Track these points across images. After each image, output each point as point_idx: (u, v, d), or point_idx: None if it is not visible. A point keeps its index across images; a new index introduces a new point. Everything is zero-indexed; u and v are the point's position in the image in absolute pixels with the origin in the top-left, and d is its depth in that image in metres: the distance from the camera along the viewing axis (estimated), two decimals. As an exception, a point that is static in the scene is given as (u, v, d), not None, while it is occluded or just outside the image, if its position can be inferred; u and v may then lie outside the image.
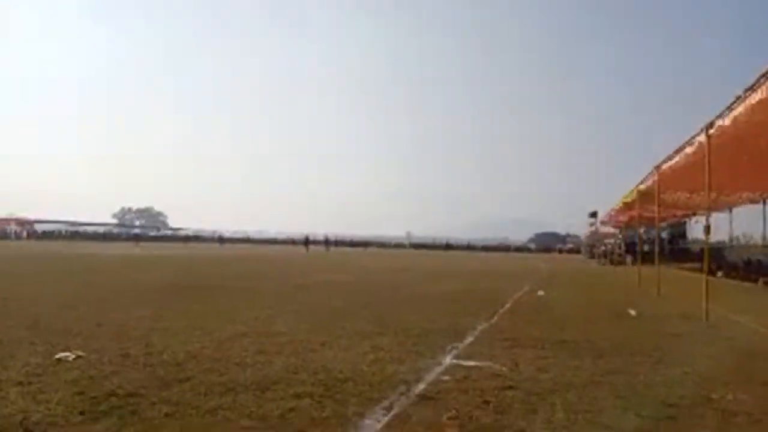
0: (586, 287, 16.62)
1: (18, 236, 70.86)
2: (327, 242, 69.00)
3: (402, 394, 4.11)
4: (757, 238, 26.63)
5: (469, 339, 6.65)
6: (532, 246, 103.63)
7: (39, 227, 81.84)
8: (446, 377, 4.68)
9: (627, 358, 5.75)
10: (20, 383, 3.91)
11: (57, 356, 4.71)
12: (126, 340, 5.76)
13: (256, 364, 4.90)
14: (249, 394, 3.94)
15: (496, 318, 8.58)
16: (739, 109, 7.82)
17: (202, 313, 8.14)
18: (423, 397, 4.03)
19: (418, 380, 4.51)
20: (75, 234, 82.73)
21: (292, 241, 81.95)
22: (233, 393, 3.96)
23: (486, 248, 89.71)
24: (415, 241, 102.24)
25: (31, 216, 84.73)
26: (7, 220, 78.56)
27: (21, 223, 78.71)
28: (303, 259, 34.47)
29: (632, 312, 9.81)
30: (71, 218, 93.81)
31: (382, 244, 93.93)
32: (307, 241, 63.16)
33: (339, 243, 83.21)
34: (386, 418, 3.54)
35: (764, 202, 21.15)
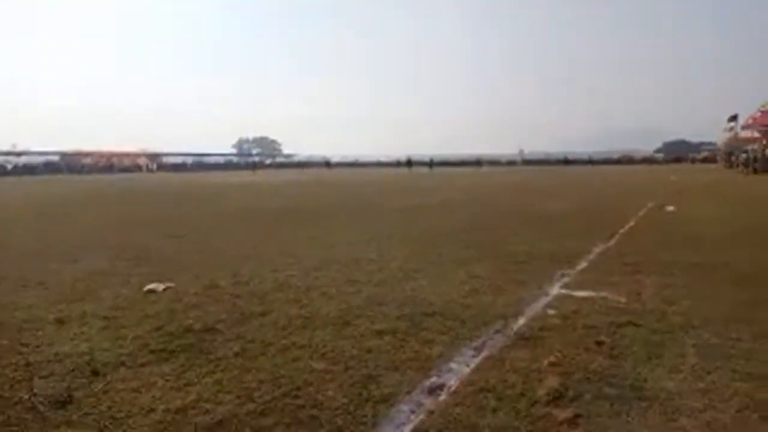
0: (723, 201, 14.66)
1: (149, 169, 77.59)
2: (431, 163, 68.10)
3: (497, 332, 3.60)
4: None
5: (583, 264, 5.91)
6: (660, 156, 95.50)
7: (167, 159, 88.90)
8: (552, 311, 4.08)
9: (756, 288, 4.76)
10: (105, 317, 3.92)
11: (147, 288, 4.74)
12: (219, 269, 5.74)
13: (341, 294, 4.62)
14: (327, 330, 3.65)
15: (616, 239, 7.66)
16: None
17: (297, 239, 8.08)
18: (522, 337, 3.49)
19: (517, 315, 3.96)
20: (200, 164, 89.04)
21: (397, 163, 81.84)
22: (311, 328, 3.69)
23: (608, 161, 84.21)
24: (528, 157, 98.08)
25: (159, 149, 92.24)
26: (137, 155, 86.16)
27: (151, 157, 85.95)
28: (405, 179, 34.22)
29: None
30: (195, 150, 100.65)
31: (493, 162, 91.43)
32: (409, 163, 63.01)
33: (447, 163, 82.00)
34: (475, 362, 3.07)
35: None
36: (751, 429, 2.31)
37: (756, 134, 40.11)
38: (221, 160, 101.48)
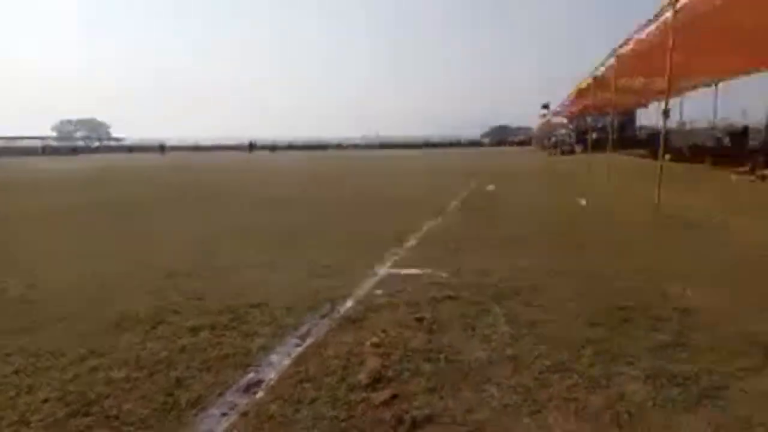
0: (536, 179, 16.35)
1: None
2: (273, 147, 66.79)
3: (323, 316, 3.52)
4: (702, 122, 26.94)
5: (412, 242, 6.10)
6: (486, 140, 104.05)
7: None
8: (379, 291, 4.11)
9: (577, 252, 5.34)
10: None
11: None
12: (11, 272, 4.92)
13: (159, 290, 4.21)
14: (136, 331, 3.27)
15: (442, 217, 8.06)
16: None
17: (100, 236, 7.29)
18: (348, 320, 3.44)
19: (346, 297, 3.92)
20: (6, 150, 77.24)
21: (241, 146, 78.92)
22: (114, 334, 3.27)
23: (438, 145, 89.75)
24: (381, 140, 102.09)
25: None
26: None
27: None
28: (243, 164, 33.09)
29: (582, 202, 9.51)
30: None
31: (339, 145, 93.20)
32: (251, 146, 61.41)
33: (292, 147, 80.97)
34: (297, 351, 2.95)
35: (716, 86, 20.96)
36: (549, 388, 2.50)
37: (564, 120, 45.47)
38: (38, 143, 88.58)
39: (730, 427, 2.15)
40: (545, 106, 47.88)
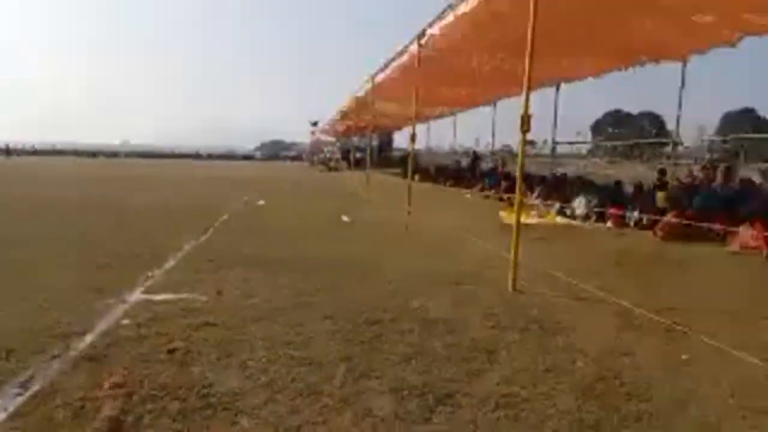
0: (304, 194, 16.78)
1: None
2: (8, 150, 56.31)
3: (55, 357, 3.04)
4: (444, 146, 31.03)
5: (170, 263, 5.69)
6: (258, 154, 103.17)
7: None
8: (127, 321, 3.72)
9: (338, 271, 5.61)
10: None
11: None
12: None
13: None
14: None
15: (208, 234, 7.71)
16: (449, 19, 8.04)
17: None
18: (86, 358, 3.04)
19: (83, 334, 3.45)
20: None
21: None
22: None
23: (210, 156, 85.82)
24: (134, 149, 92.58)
25: None
26: None
27: None
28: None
29: (345, 218, 10.05)
30: None
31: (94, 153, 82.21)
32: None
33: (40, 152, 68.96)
34: (16, 404, 2.49)
35: (454, 115, 24.29)
36: (301, 414, 2.54)
37: (332, 138, 47.76)
38: None
39: None
40: (314, 124, 49.53)
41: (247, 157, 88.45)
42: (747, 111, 47.24)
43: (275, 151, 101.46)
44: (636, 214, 8.98)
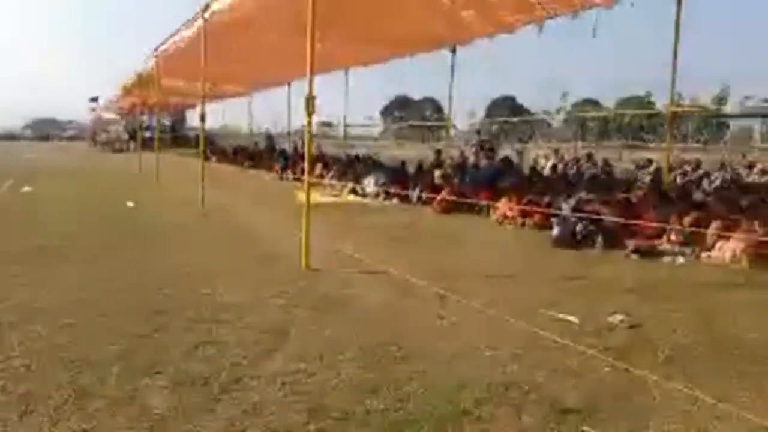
0: (81, 178, 14.93)
1: None
2: None
3: None
4: (243, 127, 30.28)
5: None
6: (29, 133, 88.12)
7: None
8: None
9: (122, 260, 5.17)
10: None
11: None
12: None
13: None
14: None
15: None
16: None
17: None
18: None
19: None
20: None
21: None
22: None
23: None
24: None
25: None
26: None
27: None
28: None
29: (130, 204, 9.25)
30: None
31: None
32: None
33: None
34: None
35: (250, 95, 23.74)
36: (65, 422, 2.32)
37: (116, 116, 42.95)
38: None
39: (242, 418, 2.44)
40: (94, 99, 44.11)
41: (15, 137, 74.08)
42: (507, 98, 54.47)
43: (49, 130, 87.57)
44: (417, 191, 9.85)
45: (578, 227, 6.31)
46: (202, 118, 9.78)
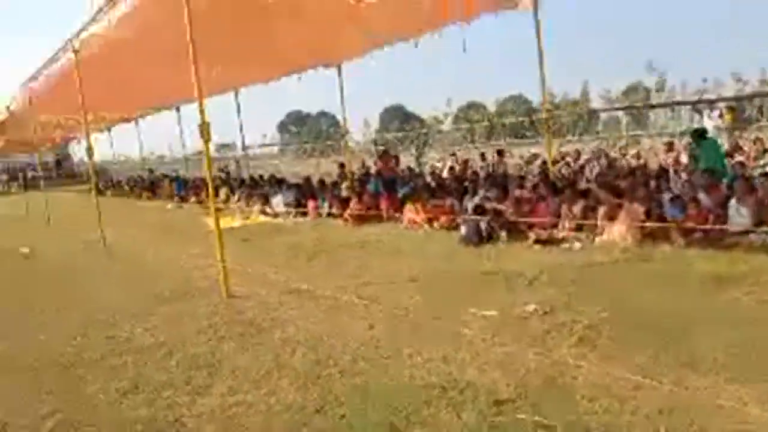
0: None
1: None
2: None
3: None
4: (134, 156, 28.77)
5: None
6: None
7: None
8: None
9: (29, 312, 4.81)
10: None
11: None
12: None
13: None
14: None
15: None
16: (105, 23, 7.38)
17: None
18: None
19: None
20: None
21: None
22: None
23: None
24: None
25: None
26: None
27: None
28: None
29: (25, 250, 8.55)
30: None
31: None
32: None
33: None
34: None
35: (136, 122, 22.54)
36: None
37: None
38: None
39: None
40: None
41: None
42: (397, 108, 56.09)
43: None
44: (326, 205, 9.93)
45: (482, 225, 6.71)
46: (90, 152, 9.23)
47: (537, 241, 6.22)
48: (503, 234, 6.57)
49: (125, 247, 8.38)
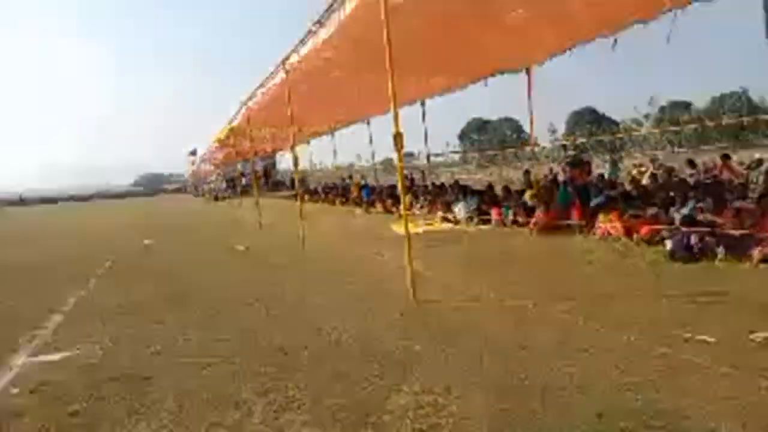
0: (194, 228, 16.02)
1: None
2: None
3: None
4: (328, 165, 31.35)
5: (57, 318, 5.28)
6: (141, 189, 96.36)
7: None
8: (15, 389, 3.43)
9: (237, 304, 5.49)
10: None
11: None
12: None
13: None
14: None
15: (93, 282, 7.19)
16: (310, 45, 8.15)
17: None
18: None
19: None
20: None
21: None
22: None
23: (76, 198, 74.66)
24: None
25: None
26: None
27: None
28: None
29: (240, 247, 9.79)
30: None
31: None
32: None
33: None
34: None
35: (332, 134, 24.51)
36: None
37: (211, 167, 45.86)
38: None
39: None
40: (193, 153, 47.32)
41: (123, 195, 77.12)
42: (588, 109, 52.51)
43: (156, 185, 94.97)
44: (510, 213, 9.71)
45: (693, 239, 5.94)
46: (295, 160, 10.28)
47: (764, 261, 5.32)
48: (720, 250, 5.74)
49: (322, 244, 9.13)
